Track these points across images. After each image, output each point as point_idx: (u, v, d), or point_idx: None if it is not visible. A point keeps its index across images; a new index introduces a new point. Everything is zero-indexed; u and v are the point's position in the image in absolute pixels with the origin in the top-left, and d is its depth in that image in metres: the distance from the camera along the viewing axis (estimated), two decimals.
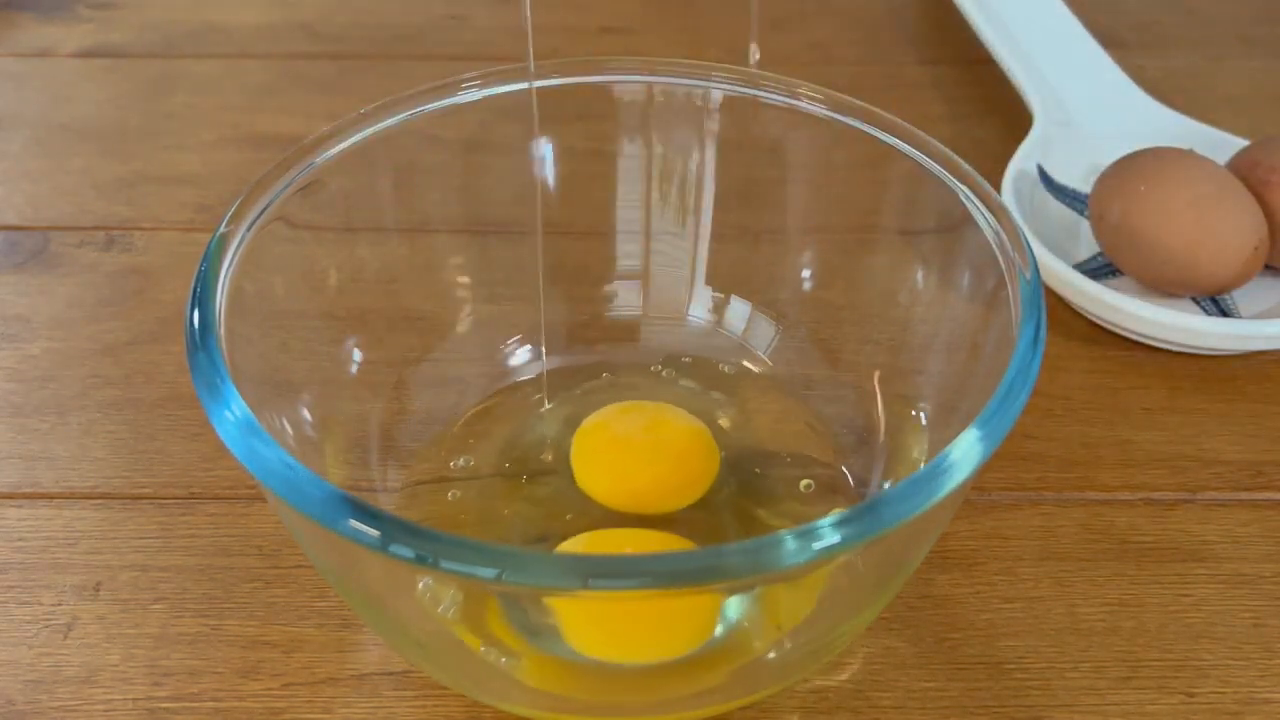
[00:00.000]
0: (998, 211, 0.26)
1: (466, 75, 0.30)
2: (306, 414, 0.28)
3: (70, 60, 0.50)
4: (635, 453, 0.30)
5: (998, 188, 0.38)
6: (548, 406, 0.32)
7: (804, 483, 0.30)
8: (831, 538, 0.20)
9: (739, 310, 0.33)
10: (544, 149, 0.32)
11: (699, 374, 0.33)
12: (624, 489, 0.30)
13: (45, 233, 0.40)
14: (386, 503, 0.29)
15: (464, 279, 0.33)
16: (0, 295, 0.38)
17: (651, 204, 0.33)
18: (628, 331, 0.34)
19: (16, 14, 0.53)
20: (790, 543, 0.19)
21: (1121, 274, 0.38)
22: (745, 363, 0.33)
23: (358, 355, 0.31)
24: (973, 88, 0.49)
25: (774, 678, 0.26)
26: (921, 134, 0.28)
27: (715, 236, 0.34)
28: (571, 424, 0.31)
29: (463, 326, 0.33)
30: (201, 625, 0.29)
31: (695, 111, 0.32)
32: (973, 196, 0.27)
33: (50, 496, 0.32)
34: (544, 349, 0.33)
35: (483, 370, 0.33)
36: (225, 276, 0.25)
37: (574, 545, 0.28)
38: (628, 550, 0.28)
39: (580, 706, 0.26)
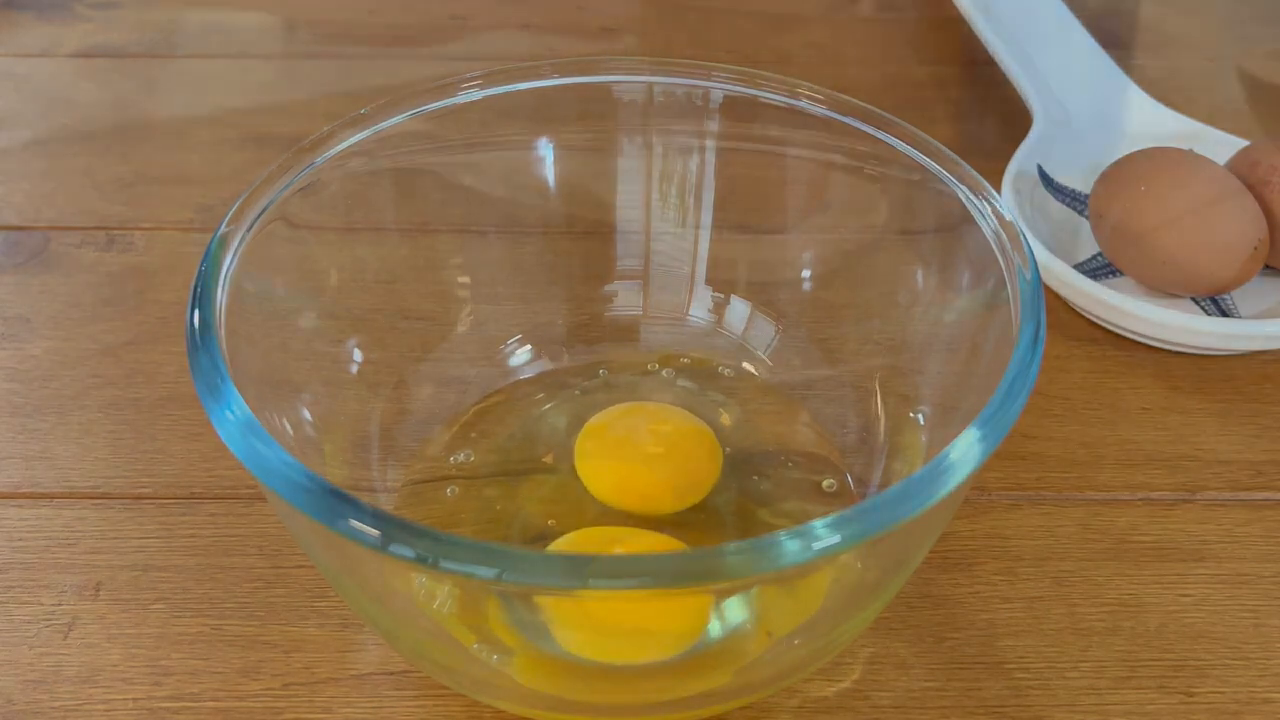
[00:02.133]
0: (998, 211, 0.26)
1: (466, 75, 0.30)
2: (306, 414, 0.28)
3: (70, 60, 0.50)
4: (640, 453, 0.30)
5: (998, 188, 0.38)
6: (547, 406, 0.32)
7: (826, 482, 0.30)
8: (831, 538, 0.20)
9: (739, 310, 0.33)
10: (544, 149, 0.33)
11: (698, 374, 0.33)
12: (628, 489, 0.30)
13: (45, 233, 0.40)
14: (386, 502, 0.29)
15: (464, 279, 0.33)
16: (0, 295, 0.38)
17: (651, 204, 0.33)
18: (628, 331, 0.34)
19: (16, 14, 0.53)
20: (790, 543, 0.19)
21: (1121, 274, 0.38)
22: (745, 363, 0.33)
23: (358, 355, 0.31)
24: (973, 88, 0.49)
25: (774, 678, 0.26)
26: (921, 134, 0.28)
27: (715, 236, 0.34)
28: (571, 424, 0.31)
29: (463, 326, 0.33)
30: (201, 625, 0.29)
31: (695, 111, 0.32)
32: (973, 196, 0.27)
33: (50, 496, 0.32)
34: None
35: (483, 370, 0.33)
36: (225, 276, 0.25)
37: (563, 545, 0.28)
38: (618, 549, 0.28)
39: (581, 707, 0.26)
